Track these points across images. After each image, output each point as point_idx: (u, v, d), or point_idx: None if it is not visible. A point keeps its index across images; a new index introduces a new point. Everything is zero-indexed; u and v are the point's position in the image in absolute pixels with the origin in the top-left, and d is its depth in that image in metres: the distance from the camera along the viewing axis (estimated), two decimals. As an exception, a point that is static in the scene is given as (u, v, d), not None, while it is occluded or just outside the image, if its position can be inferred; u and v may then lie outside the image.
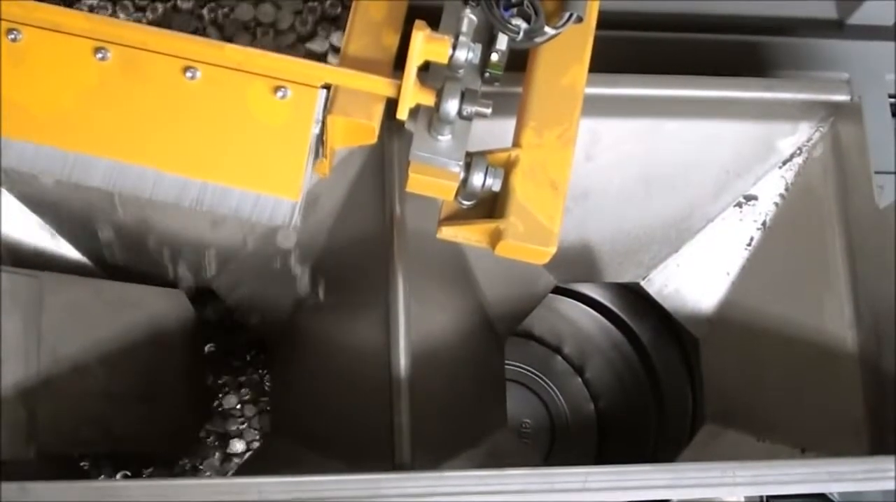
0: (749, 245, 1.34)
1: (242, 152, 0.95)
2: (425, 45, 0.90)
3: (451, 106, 0.90)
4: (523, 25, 0.95)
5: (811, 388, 1.25)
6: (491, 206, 0.99)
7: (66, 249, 1.28)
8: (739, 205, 1.31)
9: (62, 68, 0.92)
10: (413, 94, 0.92)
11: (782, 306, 1.29)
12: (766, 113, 1.23)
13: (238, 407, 1.54)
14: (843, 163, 1.22)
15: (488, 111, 0.91)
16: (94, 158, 0.93)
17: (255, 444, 1.54)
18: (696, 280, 1.39)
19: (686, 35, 1.30)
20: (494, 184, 0.95)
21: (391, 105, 0.95)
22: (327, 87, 0.95)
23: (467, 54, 0.92)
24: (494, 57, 0.96)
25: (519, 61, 1.01)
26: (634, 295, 1.67)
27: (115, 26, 0.93)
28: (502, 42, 0.96)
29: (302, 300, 1.36)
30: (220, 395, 1.55)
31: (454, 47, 0.91)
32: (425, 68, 0.95)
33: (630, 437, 1.74)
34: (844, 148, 1.22)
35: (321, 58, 1.18)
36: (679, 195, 1.30)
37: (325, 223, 1.26)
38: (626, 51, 1.21)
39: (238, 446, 1.53)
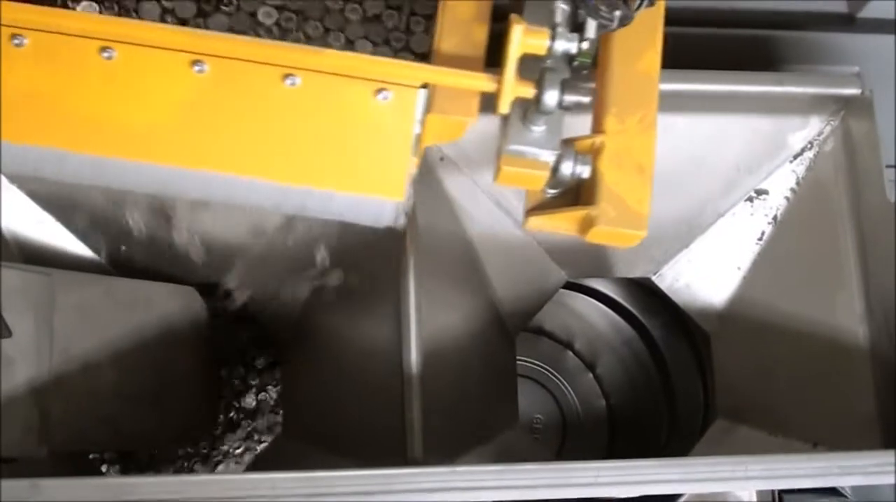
0: (760, 240, 1.34)
1: (345, 156, 0.95)
2: (524, 38, 0.89)
3: (552, 97, 0.89)
4: (617, 13, 0.95)
5: (823, 383, 1.24)
6: (575, 194, 1.00)
7: (77, 247, 1.28)
8: (750, 199, 1.31)
9: (159, 83, 0.91)
10: (513, 88, 0.92)
11: (793, 301, 1.29)
12: (777, 107, 1.23)
13: (249, 404, 1.55)
14: (853, 158, 1.22)
15: (588, 99, 0.92)
16: (193, 171, 0.93)
17: (266, 441, 1.54)
18: (707, 275, 1.39)
19: (695, 29, 1.30)
20: (584, 172, 0.96)
21: None
22: (425, 86, 0.95)
23: (566, 45, 0.91)
24: (585, 45, 0.95)
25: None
26: (645, 290, 1.67)
27: (212, 39, 0.92)
28: (591, 30, 0.95)
29: (313, 297, 1.36)
30: (232, 393, 1.55)
31: (552, 38, 0.90)
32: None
33: (641, 433, 1.74)
34: (855, 142, 1.22)
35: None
36: (689, 190, 1.30)
37: (336, 219, 1.26)
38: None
39: (249, 443, 1.54)
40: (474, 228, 1.31)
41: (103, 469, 1.46)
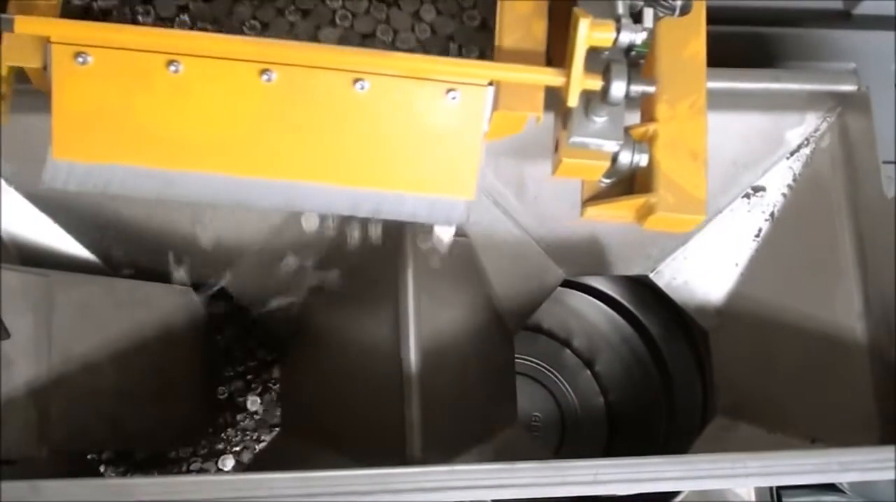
0: (757, 236, 1.34)
1: (417, 158, 0.94)
2: (590, 32, 0.88)
3: (619, 88, 0.88)
4: (677, 2, 0.95)
5: (821, 379, 1.24)
6: (629, 182, 1.00)
7: (75, 248, 1.28)
8: (747, 196, 1.31)
9: (227, 94, 0.90)
10: (581, 81, 0.90)
11: (791, 297, 1.29)
12: (774, 104, 1.23)
13: (248, 403, 1.55)
14: (850, 154, 1.22)
15: (653, 89, 0.91)
16: (267, 181, 0.93)
17: (266, 440, 1.54)
18: (704, 272, 1.39)
19: (692, 27, 1.30)
20: (642, 160, 0.95)
21: None
22: (490, 83, 0.94)
23: (631, 36, 0.89)
24: (644, 35, 0.95)
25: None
26: (643, 287, 1.67)
27: (279, 47, 0.90)
28: (649, 19, 0.94)
29: (313, 295, 1.36)
30: (231, 392, 1.55)
31: (618, 31, 0.89)
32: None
33: (640, 430, 1.74)
34: (852, 138, 1.22)
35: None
36: (687, 187, 1.30)
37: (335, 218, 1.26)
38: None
39: (248, 442, 1.54)
40: (472, 227, 1.31)
41: (101, 469, 1.46)
